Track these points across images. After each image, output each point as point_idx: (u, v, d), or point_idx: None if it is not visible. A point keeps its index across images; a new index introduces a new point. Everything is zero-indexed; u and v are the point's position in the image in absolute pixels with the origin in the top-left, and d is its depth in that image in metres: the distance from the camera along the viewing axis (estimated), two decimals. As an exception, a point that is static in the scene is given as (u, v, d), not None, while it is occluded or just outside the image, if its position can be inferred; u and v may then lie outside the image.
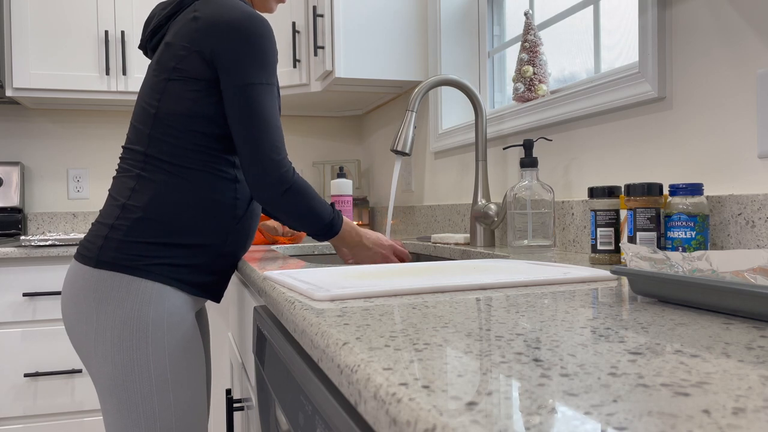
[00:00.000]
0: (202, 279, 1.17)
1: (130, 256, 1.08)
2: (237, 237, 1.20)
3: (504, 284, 0.73)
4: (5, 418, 2.12)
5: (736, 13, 0.98)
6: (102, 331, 1.07)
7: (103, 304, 1.07)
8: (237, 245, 1.21)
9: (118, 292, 1.07)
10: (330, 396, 0.52)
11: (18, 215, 2.59)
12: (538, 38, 1.55)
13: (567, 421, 0.28)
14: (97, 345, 1.08)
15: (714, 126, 1.03)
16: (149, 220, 1.10)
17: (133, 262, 1.08)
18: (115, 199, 1.14)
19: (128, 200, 1.12)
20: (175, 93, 1.11)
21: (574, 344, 0.43)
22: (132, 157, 1.15)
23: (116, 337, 1.07)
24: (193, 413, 1.14)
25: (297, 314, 0.60)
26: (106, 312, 1.07)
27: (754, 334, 0.46)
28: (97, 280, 1.08)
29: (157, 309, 1.09)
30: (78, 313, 1.10)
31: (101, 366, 1.08)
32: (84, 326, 1.09)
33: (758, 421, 0.27)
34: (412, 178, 2.38)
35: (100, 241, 1.10)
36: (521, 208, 1.33)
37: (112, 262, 1.08)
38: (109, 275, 1.08)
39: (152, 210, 1.10)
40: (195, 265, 1.14)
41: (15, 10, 2.38)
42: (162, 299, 1.10)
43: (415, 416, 0.30)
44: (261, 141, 1.09)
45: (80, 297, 1.09)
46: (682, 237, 0.92)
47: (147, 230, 1.10)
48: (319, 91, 2.31)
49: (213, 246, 1.16)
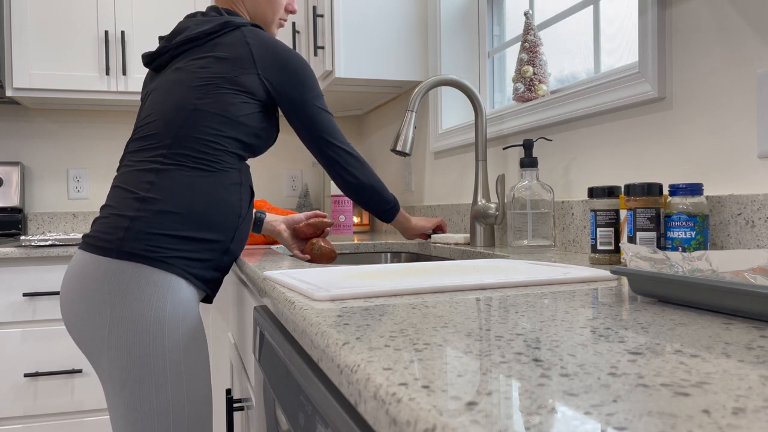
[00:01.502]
0: (211, 275, 1.20)
1: (153, 248, 1.11)
2: (240, 236, 1.25)
3: (504, 284, 0.73)
4: (5, 418, 2.12)
5: (736, 13, 0.98)
6: (117, 323, 1.08)
7: (119, 295, 1.09)
8: (239, 244, 1.26)
9: (138, 284, 1.09)
10: (330, 396, 0.52)
11: (18, 215, 2.59)
12: (538, 38, 1.55)
13: (567, 421, 0.28)
14: (111, 337, 1.09)
15: (714, 126, 1.03)
16: (171, 213, 1.13)
17: (155, 254, 1.11)
18: (132, 192, 1.16)
19: (148, 193, 1.14)
20: (222, 97, 1.21)
21: (574, 344, 0.43)
22: (149, 150, 1.20)
23: (132, 330, 1.08)
24: (204, 405, 1.17)
25: (297, 314, 0.60)
26: (122, 303, 1.08)
27: (754, 334, 0.46)
28: (116, 271, 1.10)
29: (174, 302, 1.11)
30: (89, 306, 1.10)
31: (115, 359, 1.09)
32: (96, 318, 1.09)
33: (758, 421, 0.27)
34: (412, 178, 2.38)
35: (121, 233, 1.11)
36: (521, 208, 1.33)
37: (134, 252, 1.10)
38: (129, 266, 1.10)
39: (173, 202, 1.14)
40: (206, 260, 1.18)
41: (15, 10, 2.38)
42: (178, 292, 1.13)
43: (415, 416, 0.30)
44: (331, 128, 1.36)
45: (92, 288, 1.10)
46: (682, 237, 0.92)
47: (168, 222, 1.13)
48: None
49: (222, 243, 1.20)
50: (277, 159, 2.92)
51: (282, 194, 2.93)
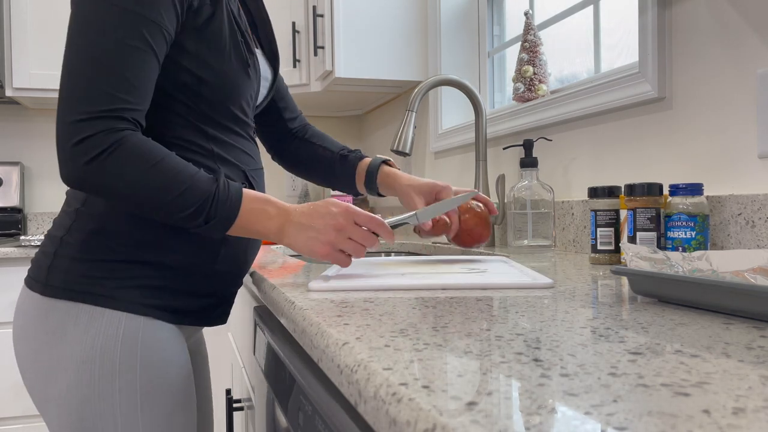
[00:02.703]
0: (192, 304, 0.89)
1: (87, 280, 0.82)
2: (233, 251, 0.90)
3: (504, 284, 0.73)
4: (5, 418, 2.12)
5: (736, 13, 0.98)
6: (56, 373, 0.82)
7: (57, 338, 0.83)
8: (232, 263, 0.91)
9: (76, 326, 0.82)
10: (330, 396, 0.52)
11: (18, 215, 2.59)
12: (538, 38, 1.56)
13: (567, 421, 0.28)
14: (49, 389, 0.83)
15: (714, 126, 1.03)
16: (109, 232, 0.83)
17: (91, 288, 0.82)
18: (68, 203, 0.88)
19: (83, 205, 0.85)
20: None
21: (574, 344, 0.43)
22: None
23: (73, 381, 0.81)
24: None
25: (297, 314, 0.60)
26: (61, 349, 0.82)
27: (754, 334, 0.46)
28: (48, 310, 0.83)
29: (128, 344, 0.82)
30: (28, 349, 0.85)
31: (54, 416, 0.83)
32: (36, 364, 0.84)
33: (758, 421, 0.27)
34: (412, 178, 2.38)
35: (48, 260, 0.85)
36: (521, 208, 1.33)
37: (63, 287, 0.83)
38: (62, 305, 0.83)
39: (112, 218, 0.84)
40: (176, 288, 0.87)
41: (15, 10, 2.38)
42: (134, 332, 0.83)
43: (415, 416, 0.30)
44: (60, 97, 0.76)
45: (30, 330, 0.85)
46: (682, 237, 0.92)
47: (107, 244, 0.83)
48: (319, 91, 2.31)
49: (198, 264, 0.87)
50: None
51: (282, 194, 2.93)
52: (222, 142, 0.88)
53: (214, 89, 0.85)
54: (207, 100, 0.85)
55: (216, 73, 0.84)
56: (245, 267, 0.94)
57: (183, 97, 0.84)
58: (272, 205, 0.82)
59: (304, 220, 0.80)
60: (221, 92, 0.86)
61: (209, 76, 0.84)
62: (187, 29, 0.82)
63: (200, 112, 0.86)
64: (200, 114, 0.86)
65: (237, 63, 0.87)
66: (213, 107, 0.86)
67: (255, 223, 0.80)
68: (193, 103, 0.85)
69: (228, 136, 0.89)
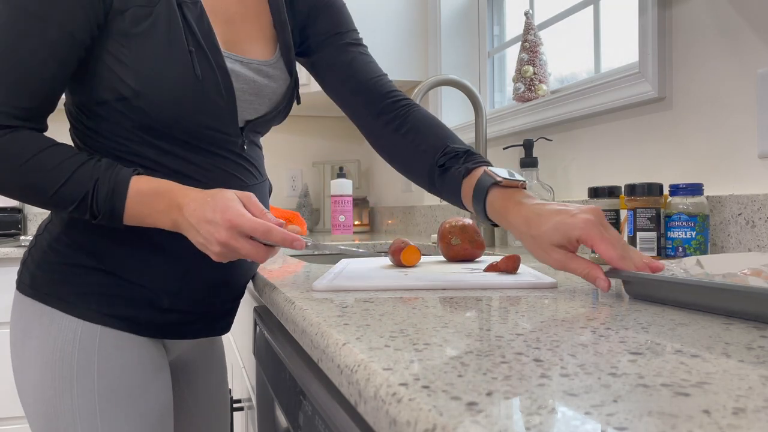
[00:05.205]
0: (157, 317, 0.85)
1: (50, 282, 0.83)
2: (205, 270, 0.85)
3: (504, 285, 0.73)
4: (5, 418, 2.12)
5: (736, 13, 0.98)
6: (26, 369, 0.84)
7: (26, 336, 0.84)
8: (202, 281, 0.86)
9: (41, 326, 0.82)
10: (330, 396, 0.52)
11: (18, 215, 2.59)
12: (538, 38, 1.56)
13: (567, 421, 0.28)
14: (23, 383, 0.85)
15: (714, 126, 1.03)
16: (69, 237, 0.83)
17: (53, 290, 0.82)
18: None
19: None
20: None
21: (574, 344, 0.43)
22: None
23: (38, 380, 0.82)
24: None
25: (297, 314, 0.60)
26: (30, 348, 0.83)
27: (754, 334, 0.46)
28: (22, 307, 0.85)
29: (85, 352, 0.81)
30: (10, 344, 0.88)
31: (30, 411, 0.84)
32: (14, 360, 0.87)
33: (758, 421, 0.27)
34: (412, 178, 2.38)
35: (24, 258, 0.88)
36: (521, 208, 1.33)
37: (31, 286, 0.84)
38: (30, 303, 0.84)
39: (72, 222, 0.83)
40: (133, 298, 0.83)
41: None
42: (91, 339, 0.81)
43: (415, 416, 0.30)
44: None
45: (11, 325, 0.88)
46: (682, 237, 0.91)
47: (65, 250, 0.83)
48: (319, 91, 2.31)
49: (158, 279, 0.84)
50: (277, 159, 2.92)
51: (282, 194, 2.93)
52: (183, 159, 0.81)
53: (154, 103, 0.77)
54: (148, 113, 0.77)
55: (155, 87, 0.76)
56: (220, 289, 0.88)
57: (123, 108, 0.78)
58: (162, 199, 0.74)
59: (193, 221, 0.72)
60: (169, 106, 0.78)
61: (146, 88, 0.76)
62: (113, 33, 0.76)
63: (146, 126, 0.78)
64: (147, 127, 0.79)
65: (183, 76, 0.77)
66: (160, 121, 0.78)
67: (147, 216, 0.75)
68: (136, 116, 0.78)
69: (193, 152, 0.82)
